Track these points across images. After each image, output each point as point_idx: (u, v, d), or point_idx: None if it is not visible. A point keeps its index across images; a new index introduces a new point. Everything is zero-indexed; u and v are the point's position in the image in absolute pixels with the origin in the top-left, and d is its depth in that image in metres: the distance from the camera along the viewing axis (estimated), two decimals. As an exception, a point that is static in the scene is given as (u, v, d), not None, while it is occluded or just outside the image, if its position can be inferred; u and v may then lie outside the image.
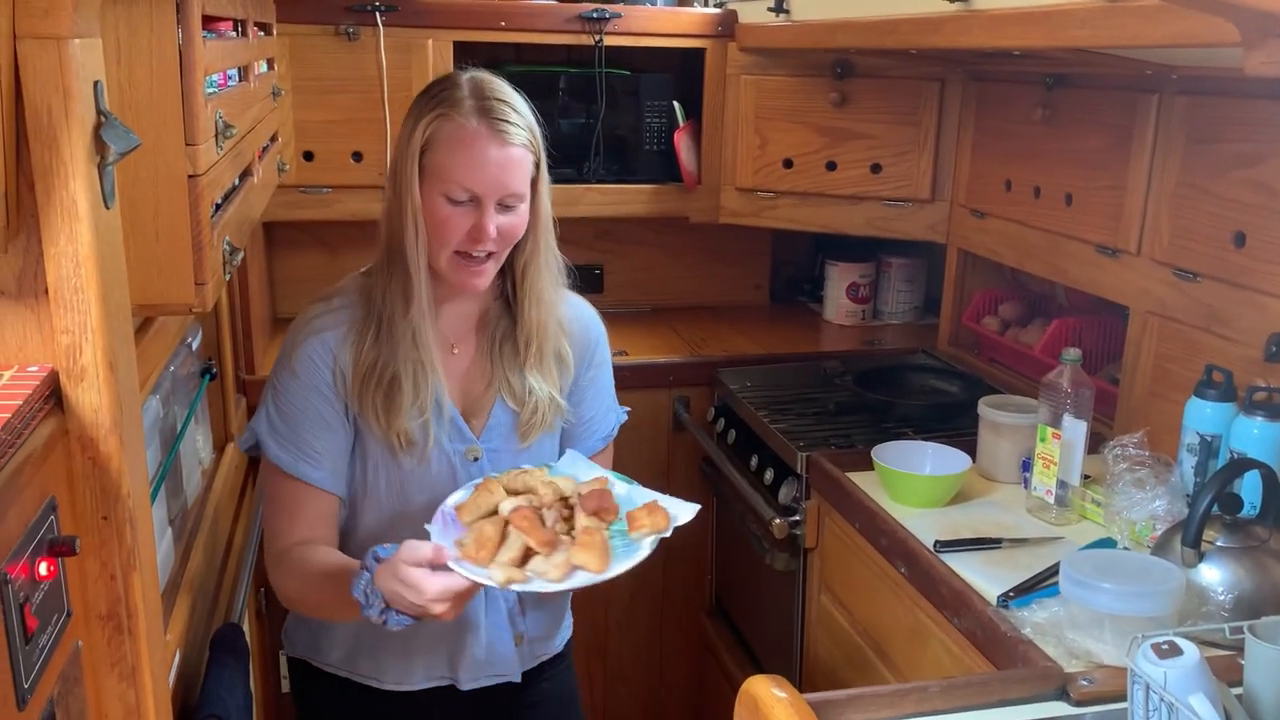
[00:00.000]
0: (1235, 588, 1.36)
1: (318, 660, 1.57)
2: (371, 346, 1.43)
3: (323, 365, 1.43)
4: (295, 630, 1.60)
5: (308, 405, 1.42)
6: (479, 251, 1.41)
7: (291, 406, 1.43)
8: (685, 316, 2.90)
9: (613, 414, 1.68)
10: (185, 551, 1.57)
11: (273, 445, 1.43)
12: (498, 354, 1.52)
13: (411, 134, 1.39)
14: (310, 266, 2.78)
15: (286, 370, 1.44)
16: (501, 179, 1.39)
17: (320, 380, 1.43)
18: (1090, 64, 1.90)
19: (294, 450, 1.42)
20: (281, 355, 1.47)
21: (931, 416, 2.19)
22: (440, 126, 1.38)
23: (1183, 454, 1.67)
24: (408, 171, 1.39)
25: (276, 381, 1.45)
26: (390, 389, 1.42)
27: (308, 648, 1.58)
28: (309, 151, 2.51)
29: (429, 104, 1.40)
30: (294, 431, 1.42)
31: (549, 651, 1.65)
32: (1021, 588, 1.48)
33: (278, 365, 1.47)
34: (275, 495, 1.45)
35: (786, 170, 2.66)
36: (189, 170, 1.06)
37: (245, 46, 1.52)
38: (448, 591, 1.22)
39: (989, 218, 2.40)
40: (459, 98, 1.39)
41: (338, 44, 2.47)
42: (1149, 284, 1.89)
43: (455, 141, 1.38)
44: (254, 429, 1.45)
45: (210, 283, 1.11)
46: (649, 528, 1.32)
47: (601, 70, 2.62)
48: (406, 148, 1.40)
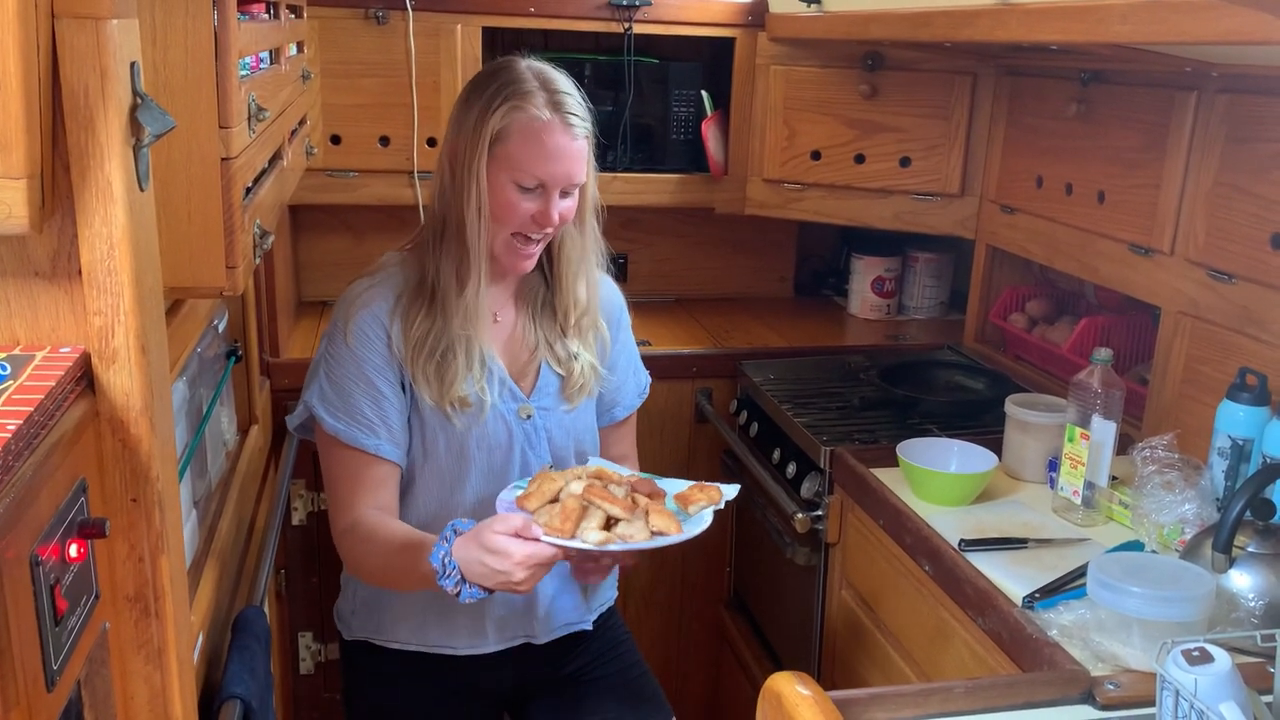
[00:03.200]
0: (1266, 594, 1.35)
1: (382, 639, 1.62)
2: (424, 319, 1.49)
3: (375, 337, 1.49)
4: (353, 612, 1.64)
5: (362, 376, 1.48)
6: (537, 235, 1.51)
7: (346, 379, 1.48)
8: (709, 307, 2.89)
9: (641, 376, 1.81)
10: (209, 533, 1.58)
11: (329, 418, 1.48)
12: (539, 322, 1.63)
13: (482, 122, 1.45)
14: (336, 250, 2.79)
15: (339, 344, 1.49)
16: (570, 170, 1.49)
17: (374, 351, 1.49)
18: (1127, 60, 1.88)
19: (350, 421, 1.47)
20: (332, 330, 1.52)
21: (957, 413, 2.18)
22: (515, 118, 1.45)
23: (1213, 457, 1.65)
24: (477, 158, 1.45)
25: (329, 356, 1.50)
26: (443, 359, 1.50)
27: (369, 628, 1.63)
28: (336, 135, 2.51)
29: (498, 93, 1.46)
30: (349, 403, 1.47)
31: (609, 599, 1.79)
32: (1048, 589, 1.47)
33: (329, 340, 1.51)
34: (336, 468, 1.50)
35: (814, 162, 2.64)
36: (222, 153, 1.06)
37: (277, 29, 1.52)
38: (533, 558, 1.28)
39: (1019, 214, 2.38)
40: (531, 90, 1.46)
41: (367, 28, 2.47)
42: (1182, 284, 1.87)
43: (530, 133, 1.45)
44: (307, 404, 1.50)
45: (241, 266, 1.11)
46: (704, 500, 1.46)
47: (630, 58, 2.61)
48: (476, 134, 1.46)
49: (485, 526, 1.30)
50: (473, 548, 1.30)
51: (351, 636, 1.67)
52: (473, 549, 1.30)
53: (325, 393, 1.49)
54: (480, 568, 1.29)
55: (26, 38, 0.75)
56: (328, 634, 2.47)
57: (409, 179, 2.55)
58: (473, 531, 1.32)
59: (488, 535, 1.29)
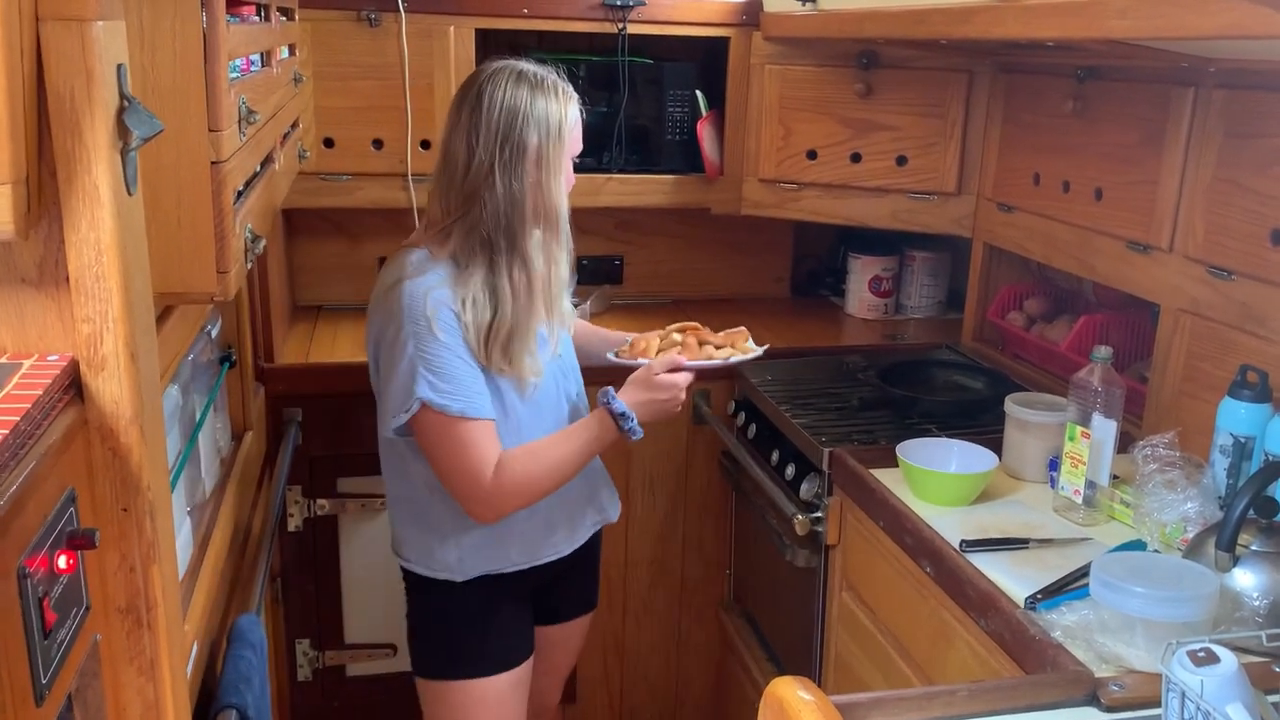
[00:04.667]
0: (1270, 593, 1.34)
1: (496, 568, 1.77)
2: (485, 307, 1.65)
3: (454, 321, 1.63)
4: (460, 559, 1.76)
5: (462, 359, 1.63)
6: None
7: (453, 365, 1.62)
8: (705, 308, 2.85)
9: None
10: (204, 541, 1.56)
11: (452, 404, 1.60)
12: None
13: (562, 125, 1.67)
14: (330, 254, 2.77)
15: (431, 339, 1.61)
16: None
17: (458, 337, 1.63)
18: (1124, 56, 1.87)
19: (468, 400, 1.62)
20: (415, 330, 1.61)
21: (956, 413, 2.16)
22: (570, 108, 1.70)
23: (1215, 455, 1.64)
24: (559, 152, 1.68)
25: (426, 352, 1.61)
26: (508, 341, 1.67)
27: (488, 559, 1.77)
28: (329, 138, 2.49)
29: (552, 87, 1.69)
30: (463, 385, 1.62)
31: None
32: (1050, 589, 1.46)
33: (417, 340, 1.61)
34: (462, 444, 1.63)
35: (810, 162, 2.63)
36: (212, 156, 1.04)
37: (268, 31, 1.50)
38: (687, 380, 1.79)
39: (1016, 211, 2.37)
40: (569, 93, 1.71)
41: (359, 30, 2.45)
42: (1181, 281, 1.86)
43: (576, 119, 1.72)
44: (421, 398, 1.60)
45: (232, 271, 1.09)
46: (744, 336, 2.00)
47: (624, 59, 2.59)
48: (556, 130, 1.66)
49: (645, 371, 1.77)
50: (639, 391, 1.75)
51: (465, 578, 1.77)
52: (640, 392, 1.75)
53: (436, 385, 1.60)
54: (649, 404, 1.74)
55: (10, 40, 0.74)
56: (325, 641, 2.45)
57: (403, 182, 2.53)
58: (635, 379, 1.77)
59: (653, 377, 1.76)
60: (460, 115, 1.67)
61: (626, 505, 2.53)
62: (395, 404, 1.64)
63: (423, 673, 1.85)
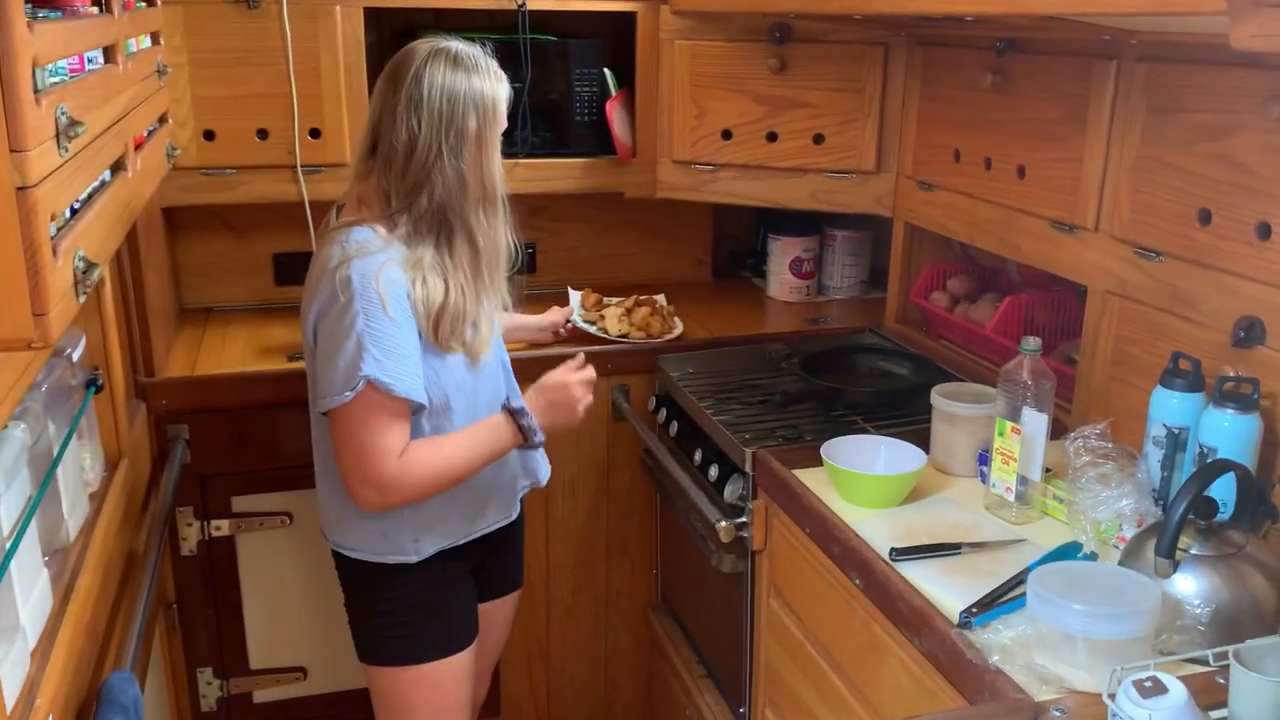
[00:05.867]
0: (1212, 599, 1.27)
1: (432, 540, 1.75)
2: (437, 286, 1.65)
3: (405, 301, 1.61)
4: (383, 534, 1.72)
5: (410, 340, 1.61)
6: None
7: (401, 343, 1.59)
8: (625, 295, 2.75)
9: None
10: (67, 590, 1.41)
11: (395, 384, 1.57)
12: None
13: (493, 98, 1.68)
14: (217, 252, 2.60)
15: (380, 316, 1.57)
16: None
17: (408, 316, 1.62)
18: (1044, 28, 1.78)
19: (412, 381, 1.60)
20: (362, 304, 1.57)
21: (881, 403, 2.08)
22: (501, 90, 1.71)
23: (1148, 446, 1.58)
24: (496, 131, 1.69)
25: (374, 329, 1.57)
26: (460, 318, 1.68)
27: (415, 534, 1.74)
28: (209, 130, 2.31)
29: (482, 77, 1.67)
30: (406, 365, 1.59)
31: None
32: (984, 602, 1.38)
33: (366, 316, 1.57)
34: (376, 425, 1.58)
35: (725, 142, 2.52)
36: (17, 182, 0.89)
37: (107, 24, 1.33)
38: (579, 378, 1.78)
39: (937, 190, 2.28)
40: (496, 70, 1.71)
41: (237, 13, 2.27)
42: (1108, 262, 1.79)
43: (507, 100, 1.73)
44: (367, 375, 1.55)
45: (54, 311, 0.94)
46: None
47: (526, 36, 2.45)
48: (492, 110, 1.67)
49: (547, 379, 1.77)
50: (536, 394, 1.76)
51: (421, 557, 1.74)
52: (537, 395, 1.75)
53: (383, 363, 1.57)
54: (546, 406, 1.74)
55: None
56: (229, 668, 2.30)
57: (292, 174, 2.36)
58: (538, 387, 1.77)
59: (543, 380, 1.77)
60: (395, 98, 1.65)
61: (546, 507, 2.43)
62: (338, 382, 1.59)
63: (378, 660, 1.80)
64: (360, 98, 2.34)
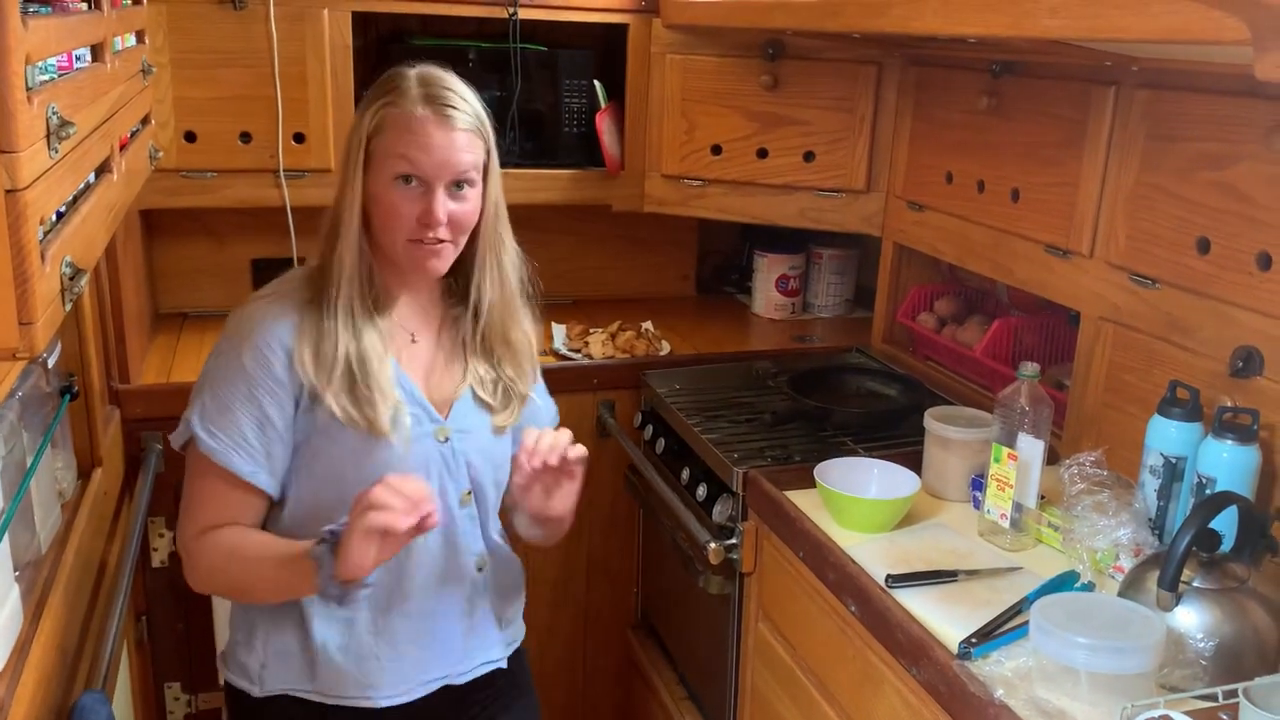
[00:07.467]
0: (1215, 633, 1.26)
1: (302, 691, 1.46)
2: (328, 335, 1.40)
3: (275, 358, 1.39)
4: (263, 665, 1.48)
5: (252, 398, 1.39)
6: (430, 237, 1.41)
7: (234, 398, 1.38)
8: (609, 310, 2.72)
9: (550, 402, 1.71)
10: (39, 605, 1.35)
11: (206, 437, 1.38)
12: (464, 348, 1.54)
13: (359, 123, 1.42)
14: (195, 257, 2.54)
15: (231, 361, 1.39)
16: (449, 159, 1.40)
17: (270, 373, 1.39)
18: (1046, 52, 1.78)
19: (229, 443, 1.38)
20: (225, 347, 1.42)
21: (871, 424, 2.06)
22: (388, 114, 1.40)
23: (1145, 475, 1.57)
24: (354, 158, 1.41)
25: (217, 373, 1.40)
26: (357, 382, 1.40)
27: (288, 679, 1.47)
28: (191, 132, 2.26)
29: (377, 94, 1.43)
30: (233, 424, 1.38)
31: (520, 636, 1.67)
32: (983, 632, 1.36)
33: (218, 356, 1.42)
34: (203, 490, 1.41)
35: (715, 157, 2.50)
36: (6, 184, 0.84)
37: (97, 21, 1.29)
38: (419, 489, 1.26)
39: (928, 211, 2.28)
40: (406, 87, 1.41)
41: (223, 13, 2.22)
42: (1103, 288, 1.78)
43: (401, 126, 1.39)
44: (187, 420, 1.40)
45: (41, 320, 0.89)
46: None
47: (516, 45, 2.42)
48: (354, 136, 1.42)
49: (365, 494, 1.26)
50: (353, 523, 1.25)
51: (264, 693, 1.48)
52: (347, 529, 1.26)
53: (207, 410, 1.39)
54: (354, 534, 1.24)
55: None
56: (197, 683, 2.24)
57: (274, 178, 2.31)
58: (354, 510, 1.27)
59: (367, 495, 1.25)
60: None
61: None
62: (181, 422, 1.43)
63: None
64: (346, 103, 2.29)
